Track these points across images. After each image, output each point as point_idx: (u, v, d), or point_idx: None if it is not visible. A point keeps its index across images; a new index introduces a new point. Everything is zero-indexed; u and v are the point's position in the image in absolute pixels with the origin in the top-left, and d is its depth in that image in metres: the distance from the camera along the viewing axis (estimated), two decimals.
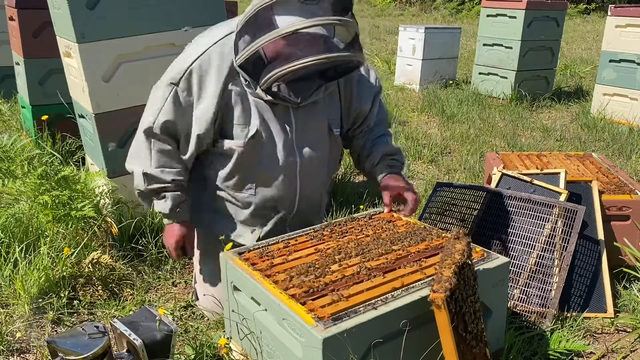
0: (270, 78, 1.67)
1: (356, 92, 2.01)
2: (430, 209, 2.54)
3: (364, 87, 2.03)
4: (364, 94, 2.03)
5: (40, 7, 3.06)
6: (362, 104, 2.03)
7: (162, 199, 1.91)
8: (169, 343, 1.56)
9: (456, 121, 5.25)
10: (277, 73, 1.65)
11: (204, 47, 1.81)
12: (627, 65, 5.14)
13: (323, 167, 2.02)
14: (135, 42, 2.44)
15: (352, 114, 2.04)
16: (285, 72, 1.64)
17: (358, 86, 2.01)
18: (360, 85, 2.02)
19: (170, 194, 1.90)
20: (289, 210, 2.00)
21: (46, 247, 2.21)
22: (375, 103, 2.08)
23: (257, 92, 1.80)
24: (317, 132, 1.95)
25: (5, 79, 4.87)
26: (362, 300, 1.43)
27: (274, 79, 1.68)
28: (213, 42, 1.81)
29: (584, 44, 11.32)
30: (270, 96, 1.80)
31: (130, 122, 2.51)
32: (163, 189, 1.90)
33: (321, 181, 2.06)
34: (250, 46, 1.66)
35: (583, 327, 2.07)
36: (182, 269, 2.45)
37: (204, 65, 1.80)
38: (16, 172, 2.52)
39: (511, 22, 5.95)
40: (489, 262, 1.66)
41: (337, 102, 1.99)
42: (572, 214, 2.16)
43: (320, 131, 1.96)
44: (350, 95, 2.01)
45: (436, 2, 17.99)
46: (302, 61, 1.61)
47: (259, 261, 1.65)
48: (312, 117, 1.93)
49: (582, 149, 4.42)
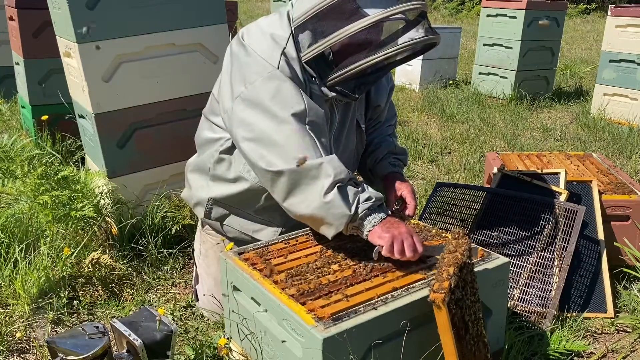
0: (349, 72, 1.63)
1: (373, 87, 2.00)
2: (430, 209, 2.54)
3: (380, 83, 2.02)
4: (380, 91, 2.04)
5: (40, 7, 3.05)
6: (379, 99, 2.04)
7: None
8: (169, 343, 1.56)
9: (456, 121, 5.25)
10: (357, 67, 1.61)
11: (278, 57, 1.68)
12: (627, 65, 5.14)
13: (351, 162, 2.02)
14: (135, 42, 2.44)
15: (370, 109, 2.05)
16: (366, 65, 1.60)
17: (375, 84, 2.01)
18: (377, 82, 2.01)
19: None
20: None
21: (46, 247, 2.20)
22: (388, 100, 2.09)
23: (322, 88, 1.75)
24: (350, 128, 1.95)
25: (5, 79, 4.86)
26: (362, 300, 1.43)
27: (353, 74, 1.63)
28: (282, 49, 1.70)
29: (584, 44, 11.32)
30: (334, 92, 1.75)
31: (130, 122, 2.51)
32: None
33: None
34: (331, 37, 1.59)
35: (583, 327, 2.07)
36: (182, 269, 2.45)
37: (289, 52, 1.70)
38: (16, 172, 2.52)
39: (511, 22, 5.95)
40: (489, 262, 1.66)
41: (363, 98, 1.99)
42: (572, 214, 2.16)
43: (352, 127, 1.96)
44: (370, 91, 2.01)
45: (436, 2, 17.98)
46: (396, 47, 1.59)
47: (259, 261, 1.65)
48: (348, 113, 1.93)
49: (582, 149, 4.42)
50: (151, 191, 2.61)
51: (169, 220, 2.57)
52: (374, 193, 1.61)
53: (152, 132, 2.56)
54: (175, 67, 2.55)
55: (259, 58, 1.69)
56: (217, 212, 1.97)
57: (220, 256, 1.72)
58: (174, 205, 2.60)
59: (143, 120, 2.54)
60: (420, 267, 1.60)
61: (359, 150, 2.06)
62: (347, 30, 1.57)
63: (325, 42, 1.62)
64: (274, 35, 1.72)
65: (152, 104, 2.54)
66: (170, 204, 2.59)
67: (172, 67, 2.52)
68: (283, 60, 1.68)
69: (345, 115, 1.92)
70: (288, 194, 1.61)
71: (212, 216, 1.97)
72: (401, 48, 1.62)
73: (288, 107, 1.63)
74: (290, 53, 1.70)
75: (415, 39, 1.64)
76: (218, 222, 1.99)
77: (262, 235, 1.93)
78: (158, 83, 2.53)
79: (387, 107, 2.10)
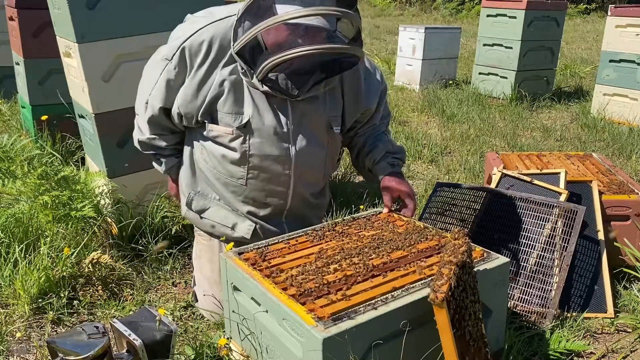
0: (266, 67, 1.65)
1: (364, 90, 1.99)
2: (430, 209, 2.54)
3: (371, 85, 2.01)
4: (371, 93, 2.02)
5: (40, 7, 3.05)
6: (369, 102, 2.02)
7: (158, 162, 2.11)
8: (169, 343, 1.56)
9: (456, 121, 5.25)
10: (272, 61, 1.62)
11: (200, 25, 1.81)
12: (627, 65, 5.14)
13: (320, 164, 2.01)
14: (135, 42, 2.44)
15: (357, 112, 2.03)
16: (280, 60, 1.61)
17: (365, 84, 1.99)
18: (367, 84, 2.00)
19: (165, 159, 2.08)
20: (282, 204, 1.99)
21: (46, 247, 2.20)
22: (381, 102, 2.07)
23: (252, 81, 1.77)
24: (315, 128, 1.94)
25: (5, 79, 4.87)
26: (362, 300, 1.43)
27: (269, 68, 1.65)
28: (210, 22, 1.81)
29: (584, 44, 11.32)
30: (266, 87, 1.77)
31: (130, 122, 2.50)
32: (158, 155, 2.08)
33: (317, 178, 2.05)
34: (248, 33, 1.65)
35: (583, 327, 2.07)
36: (182, 269, 2.45)
37: (194, 45, 1.79)
38: (16, 172, 2.52)
39: (511, 22, 5.95)
40: (489, 262, 1.66)
41: (339, 100, 1.97)
42: (572, 214, 2.16)
43: (319, 127, 1.95)
44: (356, 94, 1.99)
45: (436, 2, 17.99)
46: (297, 50, 1.59)
47: (259, 261, 1.65)
48: (311, 112, 1.91)
49: (582, 149, 4.42)
50: (151, 191, 2.61)
51: (169, 220, 2.57)
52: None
53: None
54: None
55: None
56: (198, 204, 2.05)
57: (220, 256, 1.72)
58: (174, 205, 2.60)
59: None
60: (420, 267, 1.60)
61: (331, 152, 2.04)
62: (258, 27, 1.61)
63: (246, 35, 1.66)
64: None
65: None
66: (170, 204, 2.60)
67: None
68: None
69: (306, 114, 1.90)
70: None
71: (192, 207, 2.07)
72: (309, 51, 1.59)
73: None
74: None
75: (326, 46, 1.62)
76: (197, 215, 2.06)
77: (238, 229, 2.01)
78: None
79: (380, 107, 2.08)
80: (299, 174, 1.94)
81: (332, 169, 2.17)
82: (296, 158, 1.91)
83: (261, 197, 1.96)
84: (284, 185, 1.95)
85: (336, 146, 2.06)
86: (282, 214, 2.02)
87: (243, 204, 1.98)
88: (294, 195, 1.98)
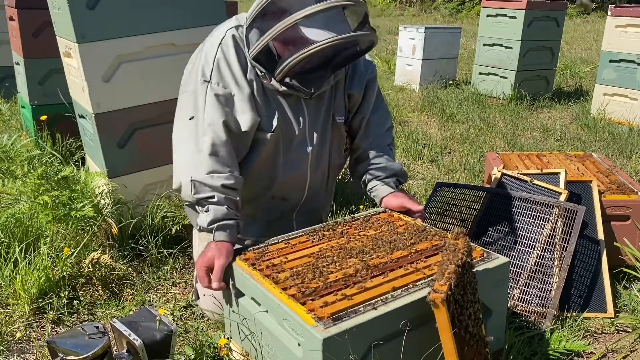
0: (287, 65, 1.69)
1: (349, 76, 2.02)
2: (430, 209, 2.54)
3: (354, 73, 2.03)
4: (355, 79, 2.03)
5: (40, 7, 3.05)
6: (352, 89, 2.03)
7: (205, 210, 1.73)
8: (169, 343, 1.56)
9: (456, 121, 5.25)
10: (293, 60, 1.67)
11: (219, 39, 1.82)
12: (627, 65, 5.13)
13: (326, 156, 2.05)
14: (135, 42, 2.44)
15: (345, 98, 2.05)
16: (302, 57, 1.66)
17: (350, 71, 2.02)
18: (350, 71, 2.02)
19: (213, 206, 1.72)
20: (298, 200, 2.04)
21: (46, 247, 2.20)
22: (369, 91, 2.06)
23: (272, 83, 1.81)
24: (324, 122, 1.99)
25: (5, 79, 4.86)
26: (362, 300, 1.43)
27: (291, 66, 1.69)
28: (223, 35, 1.83)
29: (584, 44, 11.31)
30: (284, 87, 1.82)
31: (130, 122, 2.51)
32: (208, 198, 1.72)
33: (325, 170, 2.08)
34: (265, 36, 1.69)
35: (583, 327, 2.07)
36: (182, 269, 2.45)
37: (225, 56, 1.80)
38: (16, 172, 2.52)
39: (511, 22, 5.95)
40: (489, 262, 1.66)
41: (341, 90, 2.01)
42: (572, 214, 2.16)
43: (327, 120, 2.00)
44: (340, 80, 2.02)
45: (436, 2, 17.99)
46: (318, 44, 1.64)
47: (259, 261, 1.65)
48: (321, 107, 1.96)
49: (582, 149, 4.42)
50: (151, 191, 2.61)
51: (169, 220, 2.57)
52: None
53: (152, 132, 2.56)
54: (175, 67, 2.54)
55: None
56: None
57: None
58: (174, 205, 2.60)
59: (143, 120, 2.54)
60: (420, 267, 1.60)
61: (339, 145, 2.07)
62: (275, 29, 1.65)
63: (262, 39, 1.70)
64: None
65: (152, 104, 2.55)
66: (170, 204, 2.60)
67: (172, 67, 2.52)
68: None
69: (318, 110, 1.94)
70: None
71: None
72: (328, 43, 1.64)
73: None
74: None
75: (344, 36, 1.68)
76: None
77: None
78: (158, 83, 2.53)
79: (369, 98, 2.06)
80: (314, 169, 2.00)
81: (340, 162, 2.18)
82: (312, 155, 1.97)
83: (281, 194, 2.00)
84: (301, 181, 2.01)
85: (340, 137, 2.08)
86: (295, 210, 2.06)
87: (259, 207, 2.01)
88: (309, 189, 2.03)
